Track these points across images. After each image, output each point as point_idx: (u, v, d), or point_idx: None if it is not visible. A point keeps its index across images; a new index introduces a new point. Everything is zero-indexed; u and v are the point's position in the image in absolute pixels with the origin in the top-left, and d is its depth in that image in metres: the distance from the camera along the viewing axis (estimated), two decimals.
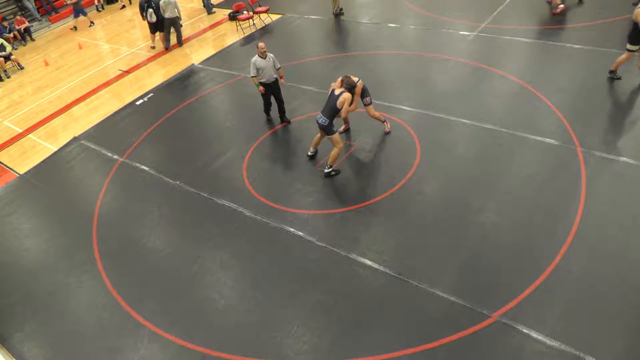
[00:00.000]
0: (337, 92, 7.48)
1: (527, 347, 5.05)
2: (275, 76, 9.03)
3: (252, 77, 8.91)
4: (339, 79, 7.78)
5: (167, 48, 14.12)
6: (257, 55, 8.83)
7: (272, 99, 9.39)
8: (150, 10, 13.59)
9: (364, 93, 8.14)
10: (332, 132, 7.59)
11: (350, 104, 7.62)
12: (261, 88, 9.04)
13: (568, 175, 7.06)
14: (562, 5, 11.62)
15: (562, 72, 9.59)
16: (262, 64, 8.81)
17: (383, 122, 8.59)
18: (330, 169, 7.78)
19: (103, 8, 19.29)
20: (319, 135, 8.13)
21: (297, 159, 8.45)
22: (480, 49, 10.94)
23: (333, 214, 7.16)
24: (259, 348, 5.54)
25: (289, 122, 9.52)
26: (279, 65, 9.02)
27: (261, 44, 8.81)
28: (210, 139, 9.56)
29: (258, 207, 7.52)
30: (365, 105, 8.28)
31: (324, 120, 7.52)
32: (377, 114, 8.42)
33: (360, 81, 7.95)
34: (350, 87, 7.60)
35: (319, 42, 13.03)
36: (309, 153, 8.36)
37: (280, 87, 9.24)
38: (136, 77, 12.84)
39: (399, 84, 10.15)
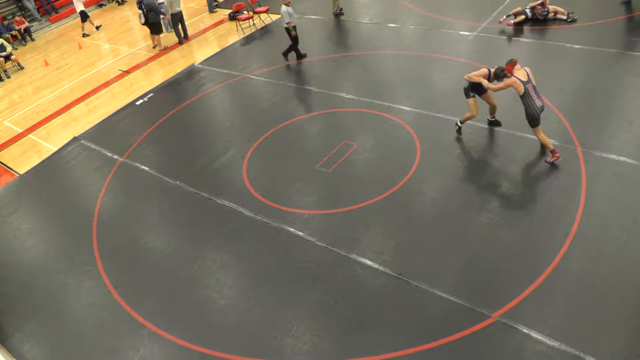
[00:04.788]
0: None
1: (527, 347, 5.05)
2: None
3: (287, 23, 10.78)
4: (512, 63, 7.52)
5: (182, 42, 14.32)
6: (284, 5, 10.73)
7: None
8: (140, 12, 13.63)
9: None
10: (468, 96, 8.01)
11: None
12: (294, 32, 10.98)
13: (568, 175, 7.05)
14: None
15: (562, 72, 9.58)
16: (292, 10, 10.77)
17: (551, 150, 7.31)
18: (460, 125, 8.27)
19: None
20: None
21: (297, 158, 8.44)
22: (480, 49, 10.93)
23: (333, 214, 7.16)
24: (259, 348, 5.54)
25: (305, 55, 11.83)
26: None
27: None
28: (210, 139, 9.56)
29: (258, 207, 7.52)
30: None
31: (465, 84, 7.98)
32: (543, 136, 7.28)
33: (511, 78, 7.19)
34: (496, 75, 7.47)
35: (319, 42, 13.02)
36: (490, 118, 8.41)
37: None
38: (136, 77, 12.85)
39: (399, 84, 10.15)
